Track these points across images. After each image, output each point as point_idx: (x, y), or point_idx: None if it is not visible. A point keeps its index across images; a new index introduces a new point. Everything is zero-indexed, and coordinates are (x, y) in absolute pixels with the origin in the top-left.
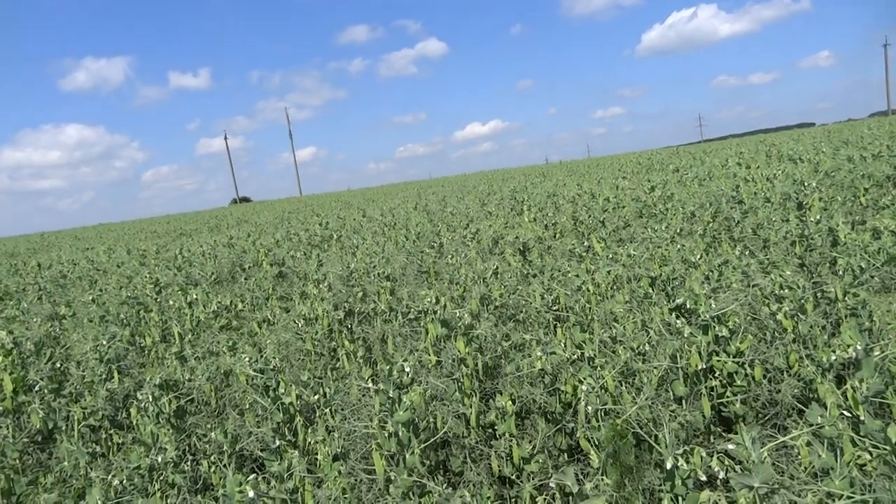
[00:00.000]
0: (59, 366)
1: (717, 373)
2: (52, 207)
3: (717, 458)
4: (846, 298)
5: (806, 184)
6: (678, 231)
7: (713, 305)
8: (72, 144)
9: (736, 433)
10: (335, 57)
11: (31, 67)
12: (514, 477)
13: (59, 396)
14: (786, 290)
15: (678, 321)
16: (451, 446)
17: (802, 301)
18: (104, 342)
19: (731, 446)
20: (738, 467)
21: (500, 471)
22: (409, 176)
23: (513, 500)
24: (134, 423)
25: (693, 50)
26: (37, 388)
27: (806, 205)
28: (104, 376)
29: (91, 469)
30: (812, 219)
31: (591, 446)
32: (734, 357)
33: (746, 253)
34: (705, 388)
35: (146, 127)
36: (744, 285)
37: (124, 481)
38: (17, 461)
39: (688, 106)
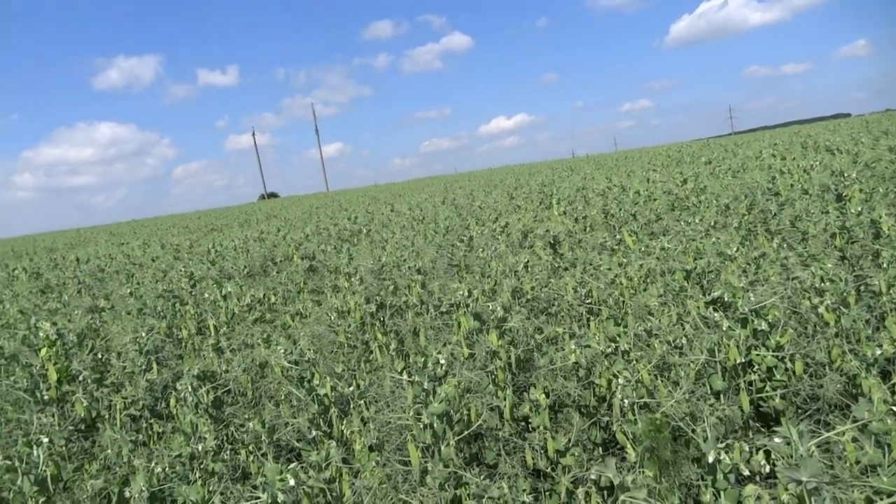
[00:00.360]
0: (100, 357)
1: (756, 367)
2: (86, 204)
3: (762, 452)
4: (891, 292)
5: (845, 175)
6: (712, 224)
7: (751, 298)
8: (105, 142)
9: (775, 429)
10: (360, 53)
11: (65, 67)
12: (548, 470)
13: (101, 386)
14: (827, 283)
15: (715, 315)
16: (485, 439)
17: (845, 294)
18: (143, 334)
19: (777, 440)
20: (779, 463)
21: (534, 463)
22: (435, 171)
23: (547, 493)
24: (174, 412)
25: (723, 40)
26: (80, 378)
27: (846, 196)
28: (144, 367)
29: (133, 457)
30: (853, 210)
31: (628, 440)
32: (774, 351)
33: (784, 246)
34: (744, 382)
35: (176, 124)
36: (783, 278)
37: (166, 468)
38: (64, 448)
39: (718, 98)
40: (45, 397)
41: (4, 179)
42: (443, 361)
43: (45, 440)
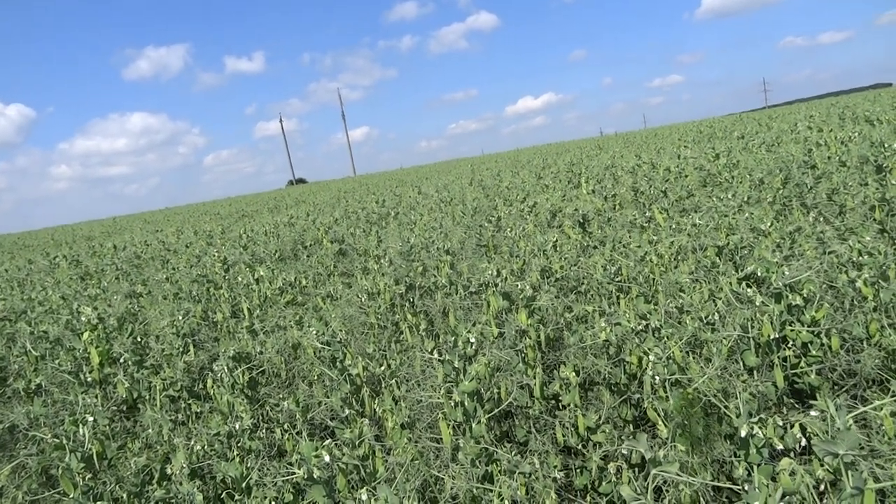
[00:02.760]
0: (139, 340)
1: (791, 343)
2: (120, 193)
3: (798, 426)
4: None
5: (886, 145)
6: (746, 199)
7: (786, 273)
8: (137, 132)
9: (810, 406)
10: (385, 36)
11: (96, 59)
12: (579, 447)
13: (141, 368)
14: (865, 257)
15: (748, 290)
16: (515, 417)
17: (884, 268)
18: (179, 318)
19: (813, 413)
20: (814, 438)
21: (564, 441)
22: (461, 153)
23: (578, 469)
24: (211, 393)
25: (758, 10)
26: (121, 361)
27: (886, 167)
28: (181, 349)
29: (173, 435)
30: (893, 182)
31: (659, 417)
32: (809, 326)
33: (821, 220)
34: (778, 358)
35: (206, 112)
36: (819, 253)
37: (205, 446)
38: (108, 427)
39: (751, 70)
40: (89, 379)
41: (42, 171)
42: (473, 340)
43: (91, 419)
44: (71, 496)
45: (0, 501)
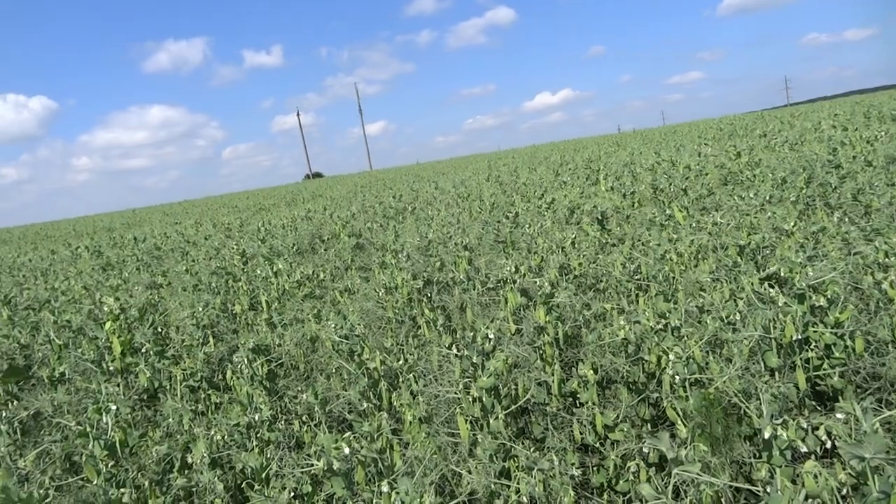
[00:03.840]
0: (160, 330)
1: (814, 344)
2: (140, 185)
3: (823, 428)
4: None
5: None
6: (768, 198)
7: (809, 274)
8: (156, 125)
9: (838, 405)
10: (402, 30)
11: (117, 52)
12: (596, 445)
13: (162, 358)
14: (892, 259)
15: (770, 290)
16: (532, 413)
17: None
18: (199, 309)
19: (839, 415)
20: (838, 441)
21: (582, 438)
22: (478, 148)
23: (595, 467)
24: (230, 384)
25: (780, 6)
26: (142, 351)
27: None
28: (201, 340)
29: (193, 425)
30: None
31: (678, 416)
32: (833, 328)
33: (845, 220)
34: (800, 359)
35: (224, 106)
36: (843, 254)
37: (225, 437)
38: (129, 416)
39: (773, 68)
40: (111, 368)
41: (64, 163)
42: (491, 336)
43: (114, 408)
44: (94, 482)
45: (26, 486)
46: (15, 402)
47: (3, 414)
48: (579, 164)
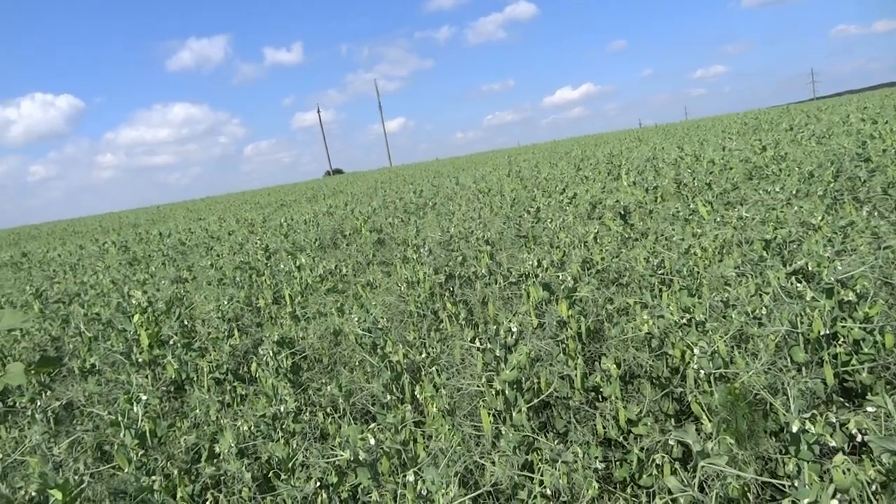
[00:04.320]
0: (186, 323)
1: (842, 340)
2: (163, 182)
3: (853, 423)
4: None
5: None
6: (794, 192)
7: (838, 268)
8: (179, 122)
9: (860, 404)
10: (422, 26)
11: (141, 51)
12: (619, 439)
13: (188, 351)
14: None
15: (798, 285)
16: (555, 407)
17: None
18: (224, 303)
19: (869, 409)
20: (868, 436)
21: (605, 432)
22: (498, 144)
23: (618, 462)
24: (255, 376)
25: None
26: (170, 343)
27: None
28: (226, 333)
29: (220, 416)
30: None
31: (703, 411)
32: (861, 323)
33: (875, 214)
34: (828, 355)
35: (245, 103)
36: (873, 248)
37: (251, 427)
38: (158, 406)
39: (798, 61)
40: (139, 360)
41: (90, 160)
42: (514, 330)
43: (144, 397)
44: (126, 470)
45: (60, 473)
46: (48, 393)
47: (38, 403)
48: (601, 158)
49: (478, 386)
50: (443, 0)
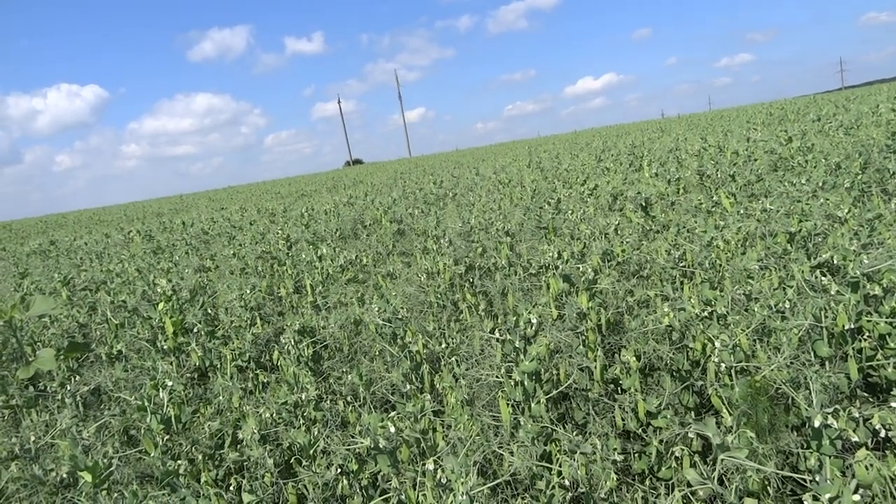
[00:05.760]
0: (209, 312)
1: (867, 334)
2: (186, 172)
3: (877, 418)
4: None
5: None
6: (820, 184)
7: (864, 262)
8: (201, 112)
9: (885, 399)
10: (443, 15)
11: (163, 41)
12: (638, 431)
13: (212, 338)
14: None
15: (822, 279)
16: (574, 399)
17: None
18: (247, 291)
19: (894, 404)
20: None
21: (624, 424)
22: (518, 135)
23: (636, 454)
24: (277, 364)
25: None
26: (194, 331)
27: None
28: (249, 322)
29: (243, 403)
30: None
31: (723, 404)
32: (888, 318)
33: None
34: (852, 349)
35: (266, 93)
36: None
37: (273, 414)
38: (183, 393)
39: (827, 49)
40: (164, 347)
41: (114, 150)
42: (534, 321)
43: (170, 384)
44: (152, 454)
45: (88, 456)
46: (77, 378)
47: (67, 388)
48: (622, 150)
49: (497, 376)
50: None
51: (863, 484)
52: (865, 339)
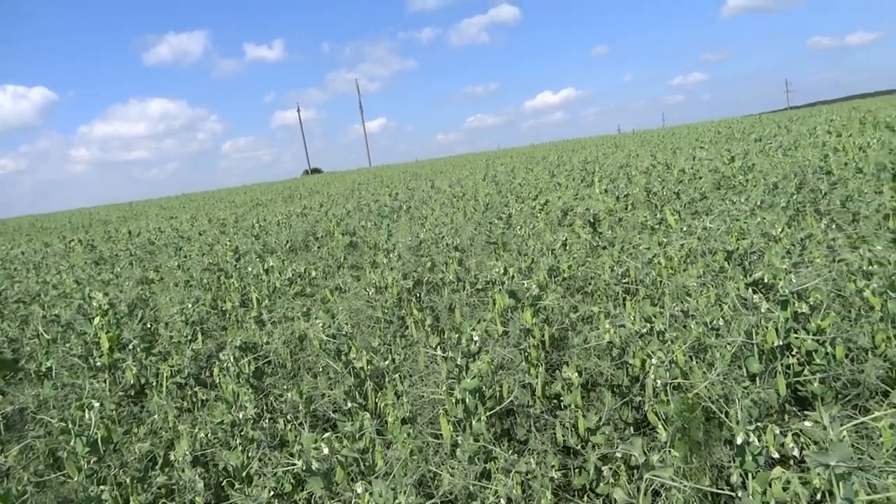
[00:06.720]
0: (149, 326)
1: (795, 350)
2: (139, 177)
3: (792, 436)
4: None
5: None
6: (759, 203)
7: (793, 280)
8: (156, 117)
9: (813, 413)
10: (405, 26)
11: (117, 44)
12: (578, 447)
13: (149, 355)
14: (875, 266)
15: (755, 296)
16: (517, 415)
17: (893, 278)
18: (189, 305)
19: (807, 423)
20: (813, 447)
21: (564, 441)
22: (478, 147)
23: (576, 469)
24: (217, 381)
25: (786, 7)
26: (130, 347)
27: None
28: (189, 337)
29: (179, 422)
30: None
31: (659, 420)
32: (814, 335)
33: (833, 227)
34: (781, 365)
35: (224, 99)
36: (828, 260)
37: (209, 434)
38: (115, 412)
39: (776, 70)
40: (98, 364)
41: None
42: (476, 338)
43: (97, 404)
44: (75, 479)
45: (7, 481)
46: (1, 397)
47: None
48: (576, 164)
49: (440, 394)
50: (427, 1)
51: (779, 501)
52: (794, 356)
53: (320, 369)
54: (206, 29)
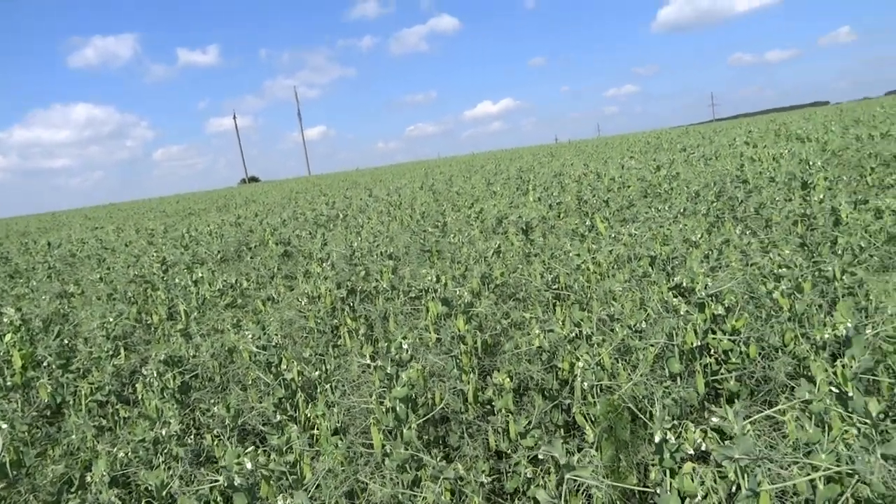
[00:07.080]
0: (67, 342)
1: (713, 350)
2: (63, 186)
3: (706, 432)
4: (844, 277)
5: (811, 163)
6: (682, 211)
7: (710, 284)
8: (81, 123)
9: (712, 410)
10: (344, 34)
11: (39, 47)
12: (509, 451)
13: (66, 372)
14: (784, 269)
15: (676, 300)
16: (451, 422)
17: (800, 280)
18: (111, 319)
19: (715, 420)
20: (727, 442)
21: (496, 445)
22: (419, 155)
23: (508, 473)
24: (140, 398)
25: (710, 25)
26: (45, 364)
27: (811, 184)
28: (111, 353)
29: (98, 442)
30: (816, 198)
31: (587, 421)
32: (730, 335)
33: (748, 232)
34: (700, 365)
35: (156, 105)
36: (742, 264)
37: (129, 453)
38: (27, 434)
39: (703, 84)
40: (9, 383)
41: None
42: (406, 347)
43: (6, 426)
44: None
45: None
46: None
47: None
48: (512, 173)
49: (370, 403)
50: (367, 9)
51: (688, 494)
52: (711, 355)
53: (250, 382)
54: (135, 32)
